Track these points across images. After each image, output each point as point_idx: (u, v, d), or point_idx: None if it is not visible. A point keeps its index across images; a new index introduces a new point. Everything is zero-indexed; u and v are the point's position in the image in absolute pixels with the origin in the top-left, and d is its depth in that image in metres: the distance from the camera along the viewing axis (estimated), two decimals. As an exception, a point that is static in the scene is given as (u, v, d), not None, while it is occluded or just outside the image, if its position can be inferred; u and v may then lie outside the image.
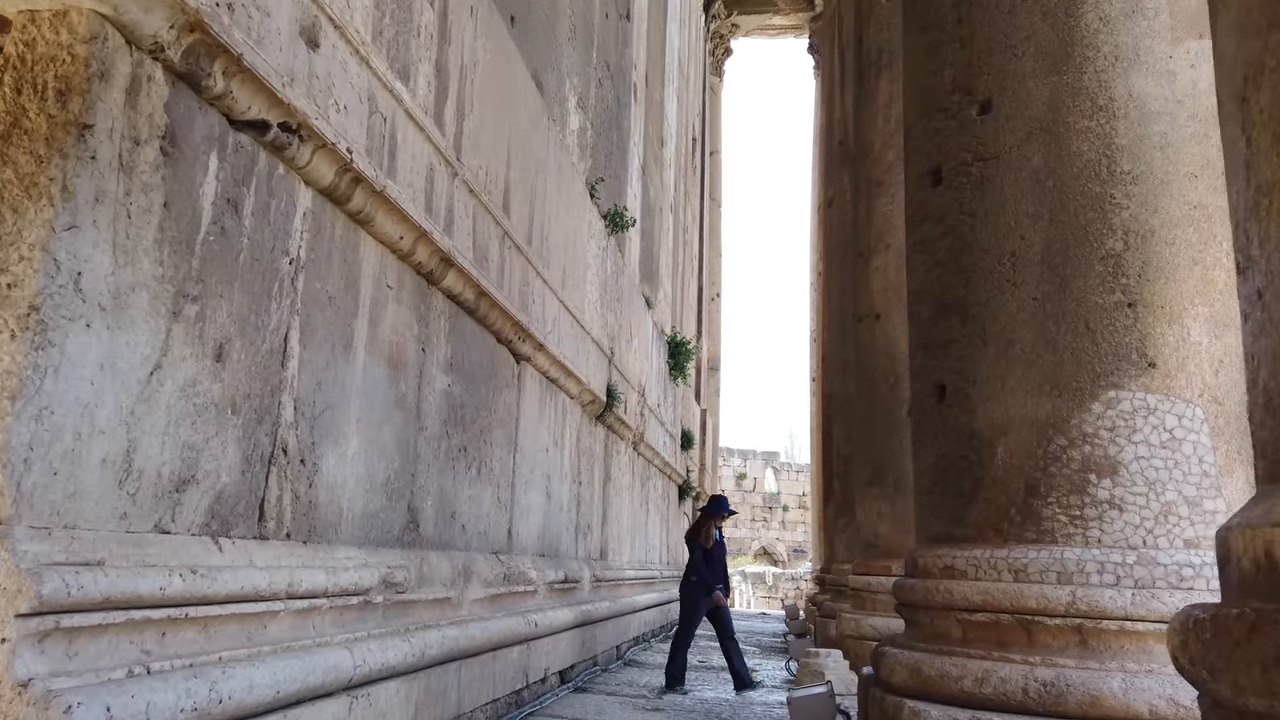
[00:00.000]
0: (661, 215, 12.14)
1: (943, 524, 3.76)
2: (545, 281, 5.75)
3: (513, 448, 5.42)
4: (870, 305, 7.06)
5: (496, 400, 5.10)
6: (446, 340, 4.34)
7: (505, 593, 4.99)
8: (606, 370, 7.81)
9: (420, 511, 4.04)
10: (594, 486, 7.72)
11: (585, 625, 6.62)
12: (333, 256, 3.23)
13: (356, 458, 3.43)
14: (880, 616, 6.58)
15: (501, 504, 5.20)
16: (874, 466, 6.91)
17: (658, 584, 11.23)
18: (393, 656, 3.31)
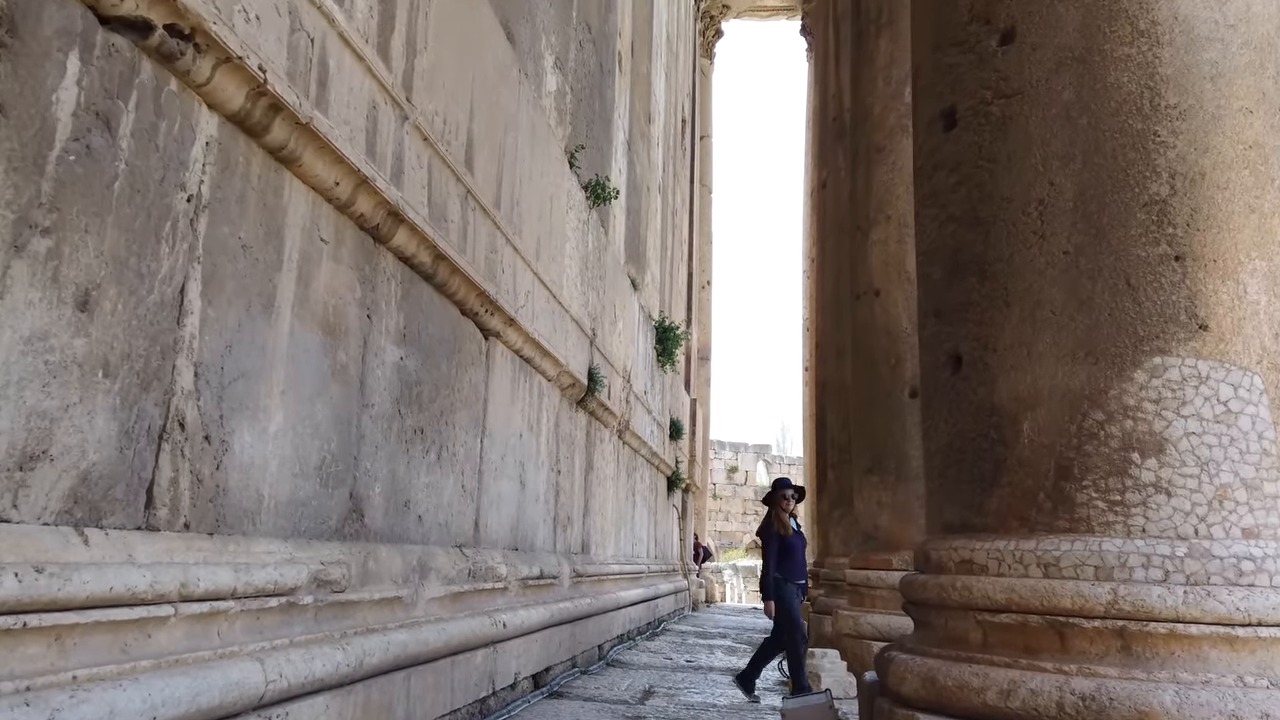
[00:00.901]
0: (649, 195, 11.65)
1: (959, 512, 3.30)
2: (517, 251, 5.26)
3: (480, 431, 4.94)
4: (869, 281, 6.60)
5: (460, 378, 4.62)
6: (398, 308, 3.85)
7: (470, 590, 4.52)
8: (588, 352, 7.33)
9: (365, 500, 3.56)
10: (574, 476, 7.25)
11: (563, 624, 6.16)
12: (247, 198, 2.74)
13: (281, 436, 2.95)
14: (880, 613, 6.13)
15: (467, 493, 4.73)
16: (873, 453, 6.45)
17: (644, 579, 10.78)
18: (321, 667, 2.83)
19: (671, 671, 7.10)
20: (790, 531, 6.03)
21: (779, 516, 5.95)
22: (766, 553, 6.00)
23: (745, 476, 42.63)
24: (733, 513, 42.10)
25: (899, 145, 6.52)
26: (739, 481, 42.47)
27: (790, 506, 6.09)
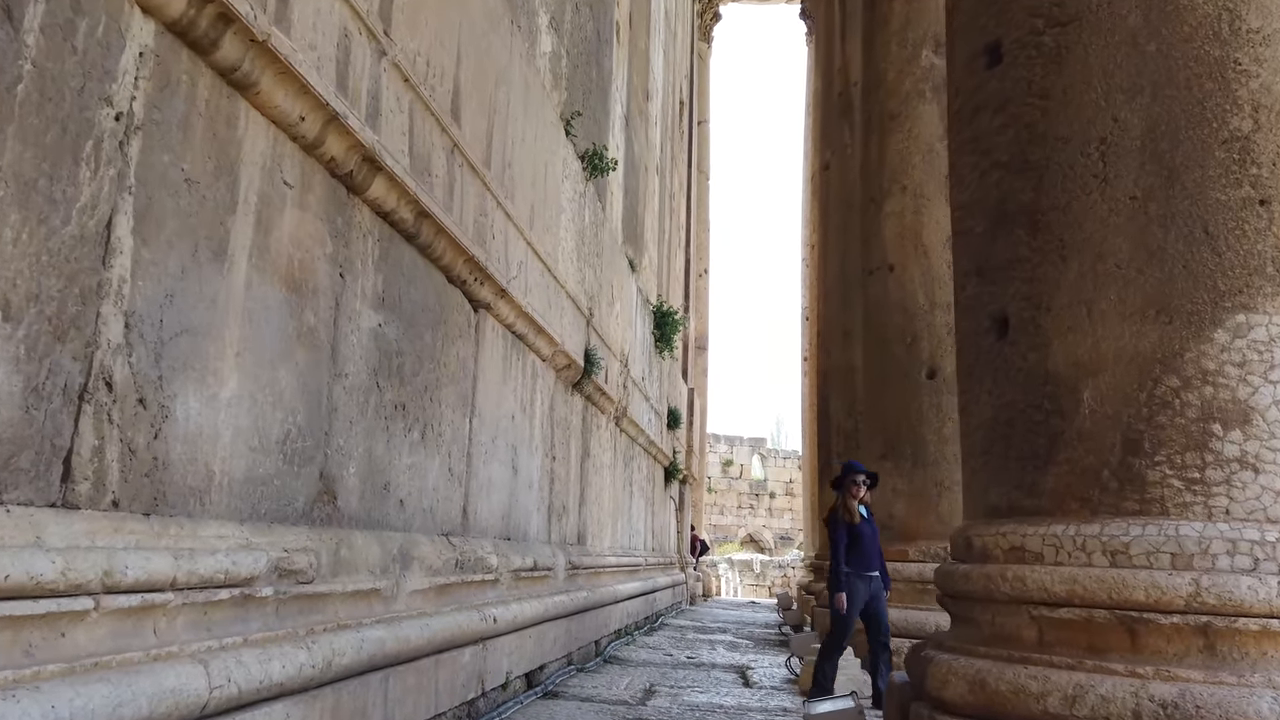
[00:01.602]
0: (647, 175, 11.26)
1: (1007, 493, 2.94)
2: (509, 217, 4.87)
3: (469, 410, 4.56)
4: (882, 255, 6.23)
5: (447, 352, 4.24)
6: (375, 269, 3.47)
7: (457, 582, 4.14)
8: (584, 333, 6.95)
9: (338, 480, 3.18)
10: (570, 463, 6.87)
11: (558, 619, 5.79)
12: (192, 124, 2.35)
13: (236, 404, 2.56)
14: (896, 607, 5.76)
15: (454, 477, 4.35)
16: (887, 437, 6.09)
17: (642, 572, 10.41)
18: (280, 669, 2.45)
19: (673, 669, 6.74)
20: (858, 519, 5.45)
21: (846, 503, 5.43)
22: (833, 542, 5.47)
23: (740, 470, 42.30)
24: (728, 506, 41.77)
25: (915, 111, 6.15)
26: (734, 475, 42.13)
27: (860, 493, 5.50)
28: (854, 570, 5.41)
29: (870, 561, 5.45)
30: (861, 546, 5.43)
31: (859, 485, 5.46)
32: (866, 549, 5.45)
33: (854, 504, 5.41)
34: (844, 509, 5.43)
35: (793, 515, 41.43)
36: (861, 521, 5.47)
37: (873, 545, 5.47)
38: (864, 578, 5.44)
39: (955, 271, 3.39)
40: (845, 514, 5.42)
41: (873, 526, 5.51)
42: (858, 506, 5.43)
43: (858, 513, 5.46)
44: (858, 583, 5.41)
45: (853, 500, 5.43)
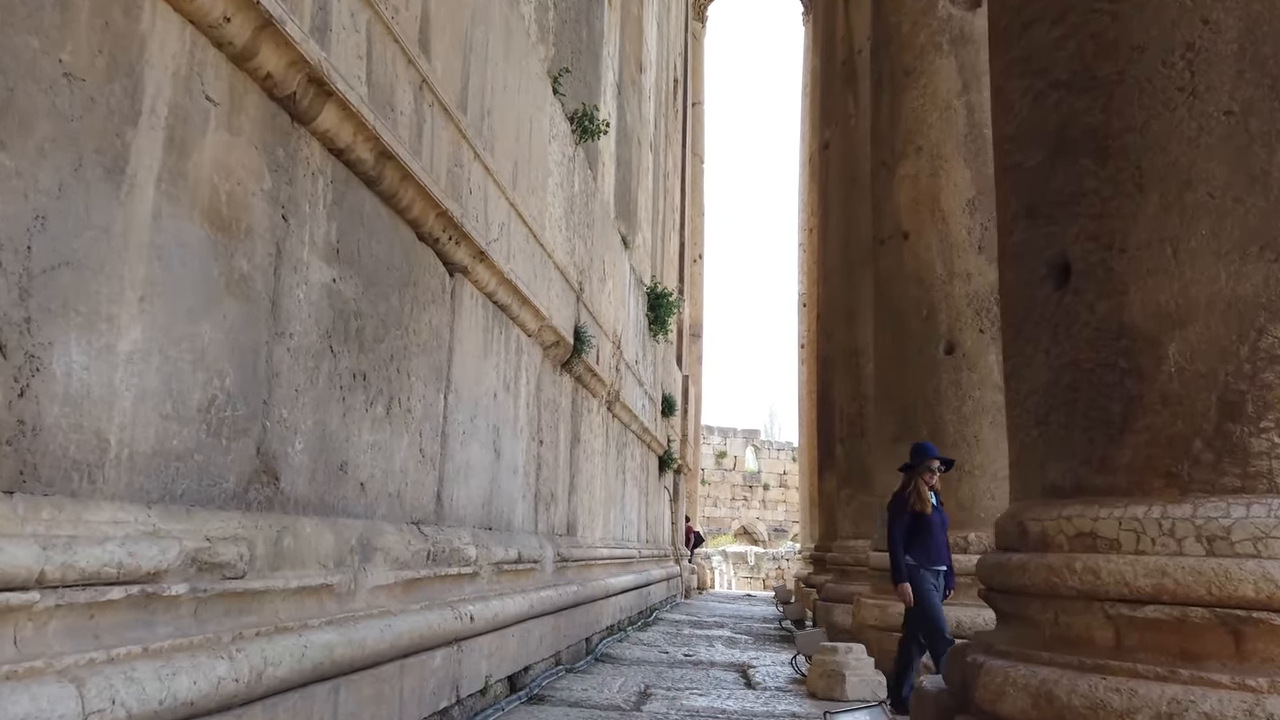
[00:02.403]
0: (640, 150, 10.78)
1: (1071, 469, 2.49)
2: (488, 171, 4.40)
3: (443, 385, 4.10)
4: (896, 223, 5.77)
5: (417, 318, 3.77)
6: (329, 214, 2.99)
7: (429, 577, 3.68)
8: (574, 308, 6.48)
9: (281, 458, 2.71)
10: (559, 448, 6.41)
11: (545, 616, 5.33)
12: (75, 4, 1.87)
13: (141, 360, 2.09)
14: (912, 603, 5.32)
15: (426, 458, 3.89)
16: (901, 418, 5.63)
17: (636, 564, 9.97)
18: (189, 685, 1.98)
19: (669, 668, 6.30)
20: (928, 508, 4.84)
21: (919, 490, 4.84)
22: (891, 530, 4.89)
23: (734, 462, 41.98)
24: (721, 498, 41.42)
25: (931, 66, 5.68)
26: (727, 467, 41.81)
27: (935, 480, 4.89)
28: (922, 562, 4.81)
29: (940, 555, 4.84)
30: (930, 538, 4.83)
31: (934, 472, 4.87)
32: (935, 541, 4.84)
33: (926, 491, 4.84)
34: (915, 496, 4.84)
35: (786, 507, 41.15)
36: (934, 511, 4.88)
37: (942, 537, 4.88)
38: (931, 572, 4.81)
39: (1000, 216, 2.93)
40: (917, 501, 4.83)
41: (943, 517, 4.93)
42: (929, 494, 4.86)
43: (929, 500, 4.85)
44: (928, 576, 4.79)
45: (926, 487, 4.85)
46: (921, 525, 4.82)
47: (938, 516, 4.89)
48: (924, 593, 4.76)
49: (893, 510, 4.93)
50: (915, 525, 4.83)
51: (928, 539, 4.82)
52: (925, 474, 4.87)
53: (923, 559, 4.78)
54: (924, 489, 4.86)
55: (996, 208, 2.98)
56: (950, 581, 4.88)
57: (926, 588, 4.75)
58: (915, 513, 4.83)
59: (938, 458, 4.92)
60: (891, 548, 4.86)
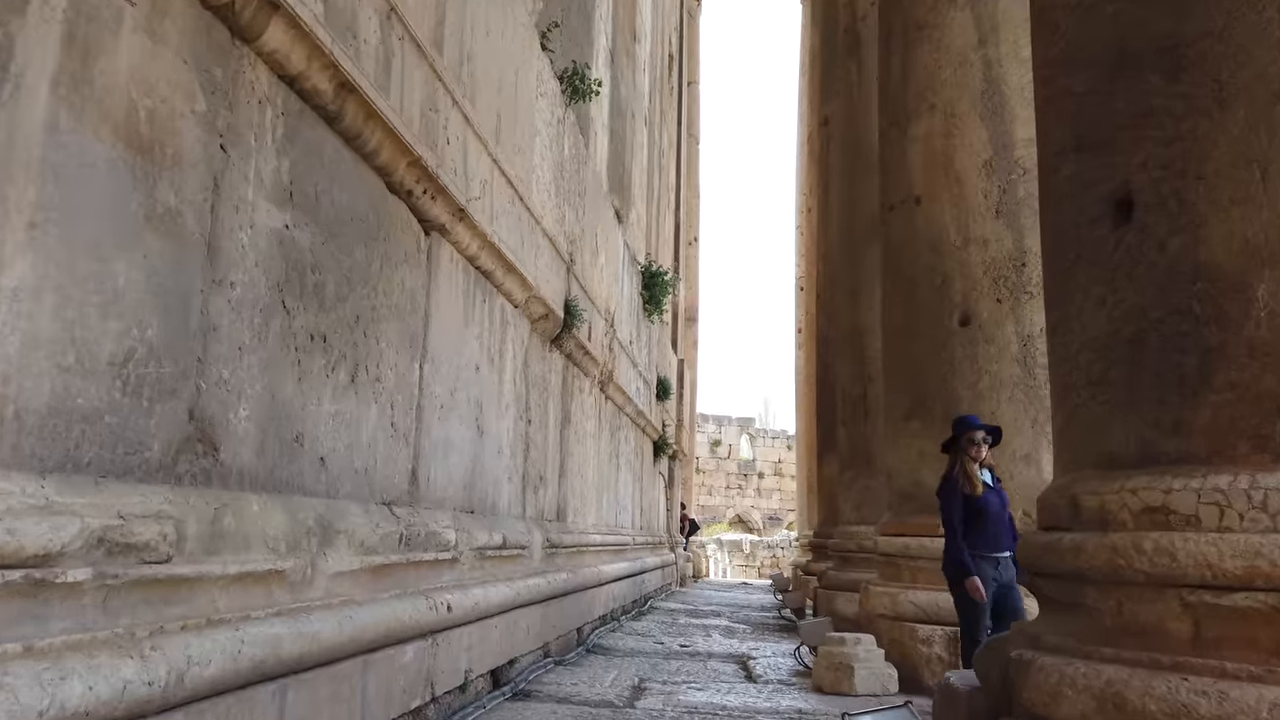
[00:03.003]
0: (634, 123, 10.40)
1: (1136, 434, 2.14)
2: (468, 121, 4.03)
3: (419, 354, 3.75)
4: (907, 187, 5.42)
5: (388, 278, 3.42)
6: (279, 150, 2.63)
7: (401, 563, 3.34)
8: (564, 280, 6.12)
9: (219, 424, 2.35)
10: (548, 428, 6.06)
11: (532, 605, 4.99)
12: None
13: (31, 299, 1.73)
14: (924, 589, 4.99)
15: (399, 433, 3.54)
16: (913, 395, 5.30)
17: (629, 551, 9.64)
18: (82, 692, 1.64)
19: (664, 659, 5.97)
20: (979, 489, 4.27)
21: (965, 469, 4.28)
22: (946, 519, 4.34)
23: (729, 450, 41.84)
24: (716, 486, 41.25)
25: (944, 19, 5.32)
26: (722, 455, 41.65)
27: (982, 454, 4.31)
28: (977, 550, 4.26)
29: (998, 540, 4.26)
30: (985, 522, 4.26)
31: (978, 445, 4.30)
32: (992, 525, 4.27)
33: (974, 469, 4.28)
34: (963, 476, 4.29)
35: (781, 496, 40.99)
36: (987, 491, 4.30)
37: (1001, 520, 4.30)
38: (990, 560, 4.25)
39: (1043, 153, 2.58)
40: (965, 483, 4.28)
41: (1001, 495, 4.36)
42: (978, 472, 4.31)
43: (978, 480, 4.28)
44: (983, 566, 4.24)
45: (973, 464, 4.30)
46: (975, 508, 4.27)
47: (994, 496, 4.32)
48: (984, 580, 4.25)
49: (943, 496, 4.39)
50: (968, 509, 4.29)
51: (983, 523, 4.27)
52: (970, 449, 4.30)
53: (979, 546, 4.24)
54: (972, 467, 4.29)
55: (1038, 144, 2.63)
56: (1016, 569, 4.22)
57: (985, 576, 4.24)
58: (966, 495, 4.29)
59: (982, 427, 4.35)
60: (949, 539, 4.33)
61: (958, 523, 4.29)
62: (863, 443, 8.39)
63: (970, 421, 4.41)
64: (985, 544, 4.26)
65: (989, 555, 4.27)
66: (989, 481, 4.37)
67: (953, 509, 4.32)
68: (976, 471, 4.31)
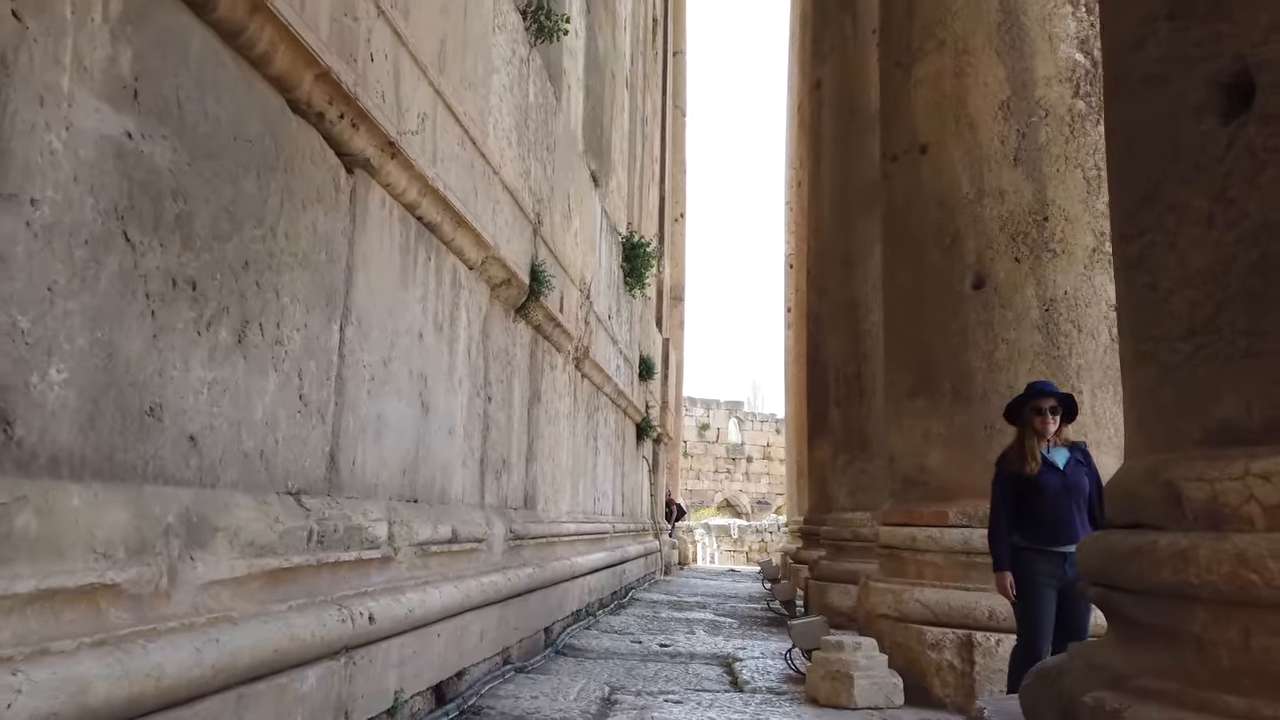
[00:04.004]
0: (614, 83, 9.74)
1: (1263, 397, 1.56)
2: (400, 38, 3.40)
3: (339, 313, 3.14)
4: (912, 134, 4.81)
5: (294, 219, 2.80)
6: (114, 34, 2.01)
7: (309, 565, 2.74)
8: (530, 243, 5.51)
9: (16, 390, 1.74)
10: (513, 406, 5.46)
11: (488, 606, 4.41)
12: None
13: None
14: (933, 586, 4.42)
15: (310, 408, 2.93)
16: (919, 369, 4.71)
17: (609, 540, 9.07)
18: None
19: (641, 661, 5.40)
20: (1033, 466, 3.52)
21: (1025, 445, 3.58)
22: (993, 500, 3.68)
23: (717, 434, 41.55)
24: (704, 471, 40.95)
25: (957, -56, 4.70)
26: (710, 439, 41.35)
27: (1049, 427, 3.56)
28: (1033, 542, 3.55)
29: (1059, 530, 3.50)
30: (1045, 508, 3.51)
31: (1046, 415, 3.54)
32: (1052, 512, 3.51)
33: (1036, 445, 3.58)
34: (1021, 453, 3.59)
35: (770, 480, 40.67)
36: (1046, 471, 3.54)
37: (1066, 507, 3.52)
38: (1048, 555, 3.50)
39: (1114, 27, 1.97)
40: (1025, 460, 3.56)
41: (1069, 479, 3.56)
42: (1044, 449, 3.58)
43: (1038, 457, 3.56)
44: (1038, 561, 3.51)
45: (1035, 439, 3.58)
46: (1030, 491, 3.54)
47: (1056, 479, 3.54)
48: (1025, 585, 3.53)
49: (996, 475, 3.71)
50: (1024, 491, 3.57)
51: (1041, 509, 3.52)
52: (1035, 420, 3.54)
53: (1035, 536, 3.53)
54: (1033, 444, 3.55)
55: (1104, 19, 2.03)
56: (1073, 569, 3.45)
57: (1032, 578, 3.52)
58: (1021, 476, 3.58)
59: (1052, 393, 3.56)
60: (990, 525, 3.68)
61: (1001, 506, 3.63)
62: (858, 424, 7.83)
63: (1038, 388, 3.66)
64: (1040, 534, 3.54)
65: (1045, 549, 3.52)
66: (1057, 462, 3.58)
67: (999, 492, 3.66)
68: (1036, 448, 3.58)
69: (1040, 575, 3.52)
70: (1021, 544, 3.58)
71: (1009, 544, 3.61)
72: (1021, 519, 3.59)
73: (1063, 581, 3.50)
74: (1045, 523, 3.53)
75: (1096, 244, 4.35)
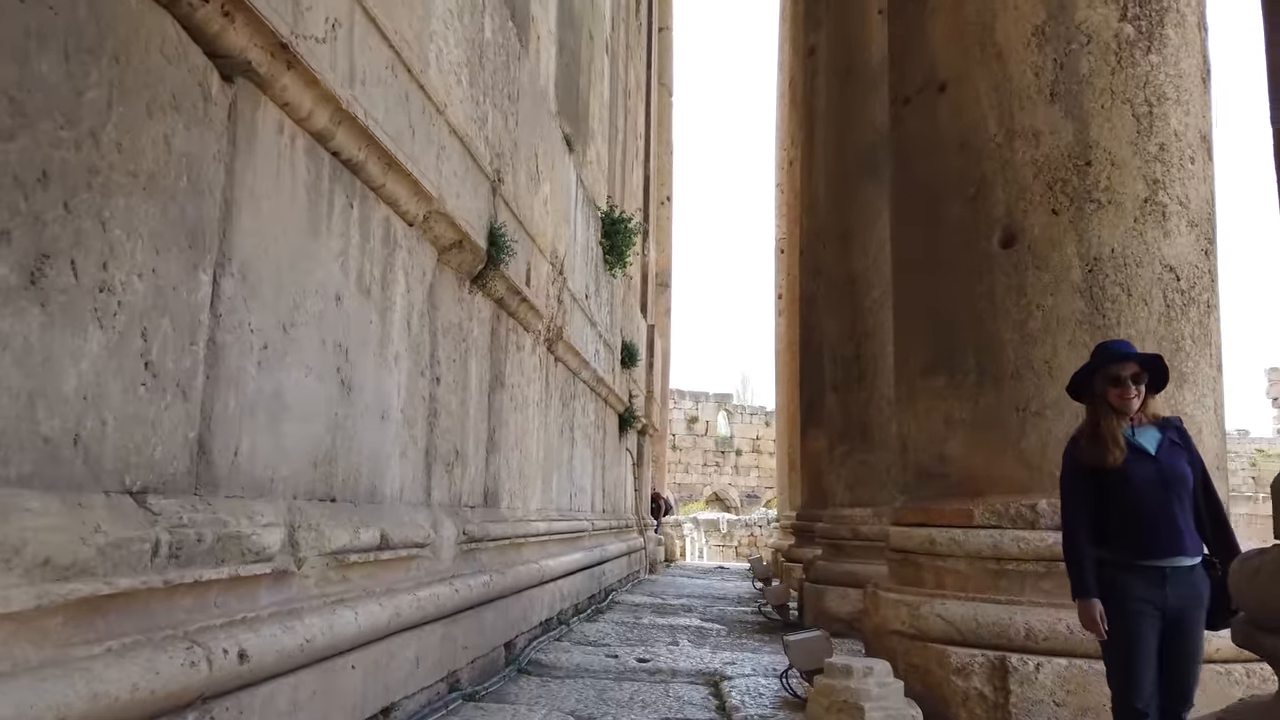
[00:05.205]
0: (592, 45, 9.02)
1: None
2: (298, -84, 2.69)
3: (210, 259, 2.43)
4: (929, 70, 4.13)
5: (133, 126, 2.10)
6: None
7: (150, 588, 2.05)
8: (487, 201, 4.80)
9: None
10: (468, 390, 4.76)
11: (430, 624, 3.71)
12: None
13: None
14: (958, 598, 3.73)
15: (162, 379, 2.23)
16: (937, 344, 4.03)
17: (588, 538, 8.38)
18: None
19: (616, 681, 4.72)
20: (1117, 455, 2.63)
21: (1105, 426, 2.69)
22: (1063, 503, 2.82)
23: (705, 427, 41.13)
24: (693, 464, 40.53)
25: None
26: (699, 432, 40.93)
27: (1130, 400, 2.67)
28: (1123, 555, 2.65)
29: (1158, 538, 2.60)
30: (1132, 509, 2.62)
31: (1126, 385, 2.67)
32: (1147, 513, 2.61)
33: (1116, 425, 2.68)
34: (1097, 437, 2.70)
35: (759, 473, 40.19)
36: (1134, 459, 2.64)
37: (1165, 505, 2.61)
38: (1143, 573, 2.60)
39: None
40: (1103, 446, 2.67)
41: (1173, 465, 2.66)
42: (1128, 429, 2.70)
43: (1121, 441, 2.66)
44: (1130, 582, 2.61)
45: (1114, 418, 2.69)
46: (1116, 487, 2.64)
47: (1148, 468, 2.63)
48: (1113, 616, 2.62)
49: (1065, 467, 2.80)
50: (1105, 488, 2.66)
51: (1131, 510, 2.63)
52: (1111, 392, 2.66)
53: (1124, 548, 2.65)
54: (1112, 424, 2.65)
55: None
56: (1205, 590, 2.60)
57: (1122, 605, 2.61)
58: (1099, 467, 2.67)
59: (1132, 355, 2.71)
60: (1065, 536, 2.77)
61: (1076, 508, 2.73)
62: (858, 410, 7.16)
63: (1113, 350, 2.77)
64: (1130, 544, 2.63)
65: (1138, 563, 2.62)
66: (1147, 446, 2.68)
67: (1071, 491, 2.76)
68: (1117, 429, 2.67)
69: (1134, 601, 2.60)
70: (1106, 556, 2.68)
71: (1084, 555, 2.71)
72: (1112, 524, 2.69)
73: (1164, 608, 2.59)
74: (1137, 528, 2.64)
75: (1149, 193, 3.69)
